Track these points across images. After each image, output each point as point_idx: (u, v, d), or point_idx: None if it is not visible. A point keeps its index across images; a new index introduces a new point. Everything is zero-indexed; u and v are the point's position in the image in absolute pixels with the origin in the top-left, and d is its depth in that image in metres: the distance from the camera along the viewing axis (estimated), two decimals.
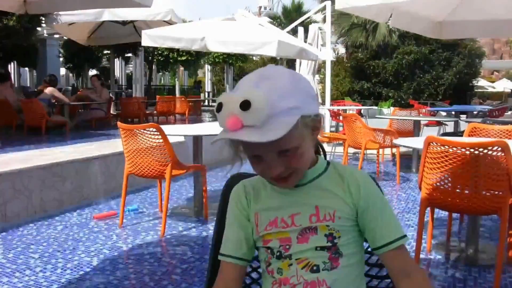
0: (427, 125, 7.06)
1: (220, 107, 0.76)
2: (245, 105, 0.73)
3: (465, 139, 2.73)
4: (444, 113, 9.27)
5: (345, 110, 7.98)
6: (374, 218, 0.84)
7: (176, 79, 19.89)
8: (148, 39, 6.38)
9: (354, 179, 0.86)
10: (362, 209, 0.84)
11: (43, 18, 8.64)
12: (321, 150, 0.92)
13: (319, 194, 0.85)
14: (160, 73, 22.89)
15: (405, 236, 0.84)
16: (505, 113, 8.55)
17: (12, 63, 12.62)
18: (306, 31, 10.47)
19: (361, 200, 0.84)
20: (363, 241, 0.88)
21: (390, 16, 4.28)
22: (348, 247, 0.84)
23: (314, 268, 0.82)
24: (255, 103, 0.72)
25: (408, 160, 5.32)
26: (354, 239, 0.86)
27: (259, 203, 0.89)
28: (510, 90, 24.45)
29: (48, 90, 7.12)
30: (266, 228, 0.86)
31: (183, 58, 15.69)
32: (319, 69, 11.40)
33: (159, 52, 15.03)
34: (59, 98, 7.28)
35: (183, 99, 11.33)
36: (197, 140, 3.34)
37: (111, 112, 8.65)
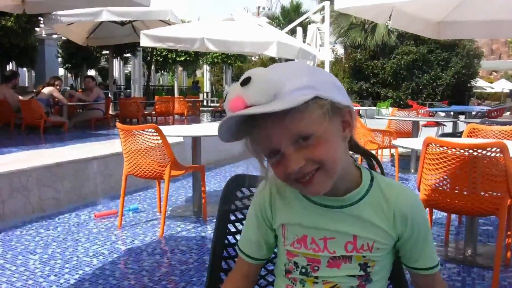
0: (425, 125, 7.07)
1: (226, 95, 0.70)
2: (245, 81, 0.65)
3: (463, 140, 2.74)
4: (442, 114, 9.29)
5: None
6: (415, 246, 0.79)
7: (175, 79, 19.89)
8: (147, 39, 6.38)
9: (401, 207, 0.76)
10: (405, 238, 0.78)
11: (41, 19, 8.63)
12: (372, 161, 0.83)
13: (359, 224, 0.76)
14: (159, 73, 22.89)
15: (439, 263, 0.82)
16: (504, 114, 8.57)
17: (10, 63, 12.61)
18: (304, 31, 10.48)
19: (406, 231, 0.77)
20: (392, 261, 0.83)
21: (390, 17, 4.28)
22: (379, 273, 0.79)
23: None
24: (256, 77, 0.65)
25: (406, 161, 5.33)
26: (386, 265, 0.80)
27: (287, 215, 0.80)
28: (508, 91, 24.51)
29: (47, 90, 7.10)
30: (294, 245, 0.79)
31: (182, 58, 15.69)
32: None
33: (158, 52, 15.03)
34: (58, 98, 7.26)
35: (181, 99, 11.33)
36: (195, 140, 3.34)
37: (110, 112, 8.65)
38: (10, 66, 13.01)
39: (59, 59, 13.86)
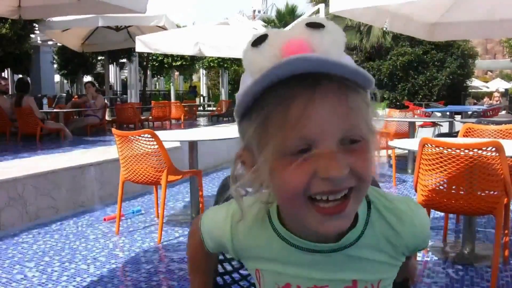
0: (422, 126, 7.09)
1: (263, 38, 0.50)
2: (316, 25, 0.49)
3: (459, 140, 2.75)
4: (439, 114, 9.32)
5: None
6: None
7: (171, 84, 19.88)
8: (142, 45, 6.39)
9: (416, 240, 0.61)
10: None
11: (36, 25, 8.64)
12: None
13: (360, 267, 0.58)
14: (155, 78, 22.89)
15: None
16: (499, 113, 8.62)
17: (5, 70, 12.59)
18: None
19: (411, 253, 0.64)
20: None
21: (386, 20, 4.30)
22: None
23: None
24: (329, 25, 0.49)
25: (404, 162, 5.34)
26: None
27: (261, 259, 0.61)
28: (503, 90, 24.65)
29: (28, 100, 6.83)
30: None
31: (178, 63, 15.70)
32: None
33: (154, 57, 15.04)
34: (34, 110, 6.93)
35: (178, 104, 11.33)
36: (192, 145, 3.34)
37: (106, 118, 8.63)
38: (5, 73, 12.98)
39: (55, 66, 13.85)
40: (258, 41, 0.50)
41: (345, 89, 0.48)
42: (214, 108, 15.64)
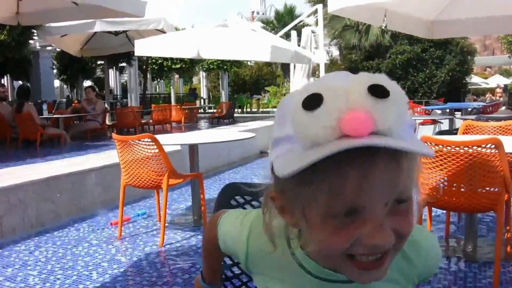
0: (422, 123, 7.09)
1: (317, 101, 0.43)
2: (380, 91, 0.43)
3: (459, 138, 2.75)
4: (439, 111, 9.32)
5: None
6: None
7: (171, 87, 19.90)
8: (141, 48, 6.40)
9: (426, 270, 0.62)
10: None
11: (35, 31, 8.66)
12: None
13: None
14: (155, 82, 22.91)
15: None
16: (499, 109, 8.61)
17: (5, 77, 12.62)
18: (299, 35, 10.53)
19: (420, 281, 0.65)
20: None
21: (385, 18, 4.30)
22: None
23: None
24: (394, 93, 0.43)
25: None
26: None
27: (272, 280, 0.62)
28: (503, 86, 24.60)
29: (28, 106, 6.83)
30: None
31: (178, 66, 15.71)
32: (314, 72, 11.47)
33: (153, 60, 15.06)
34: (34, 116, 6.86)
35: (178, 107, 11.35)
36: (193, 148, 3.34)
37: (107, 122, 8.64)
38: (4, 80, 13.01)
39: (54, 71, 13.88)
40: (311, 103, 0.43)
41: (399, 154, 0.45)
42: (215, 110, 15.66)
